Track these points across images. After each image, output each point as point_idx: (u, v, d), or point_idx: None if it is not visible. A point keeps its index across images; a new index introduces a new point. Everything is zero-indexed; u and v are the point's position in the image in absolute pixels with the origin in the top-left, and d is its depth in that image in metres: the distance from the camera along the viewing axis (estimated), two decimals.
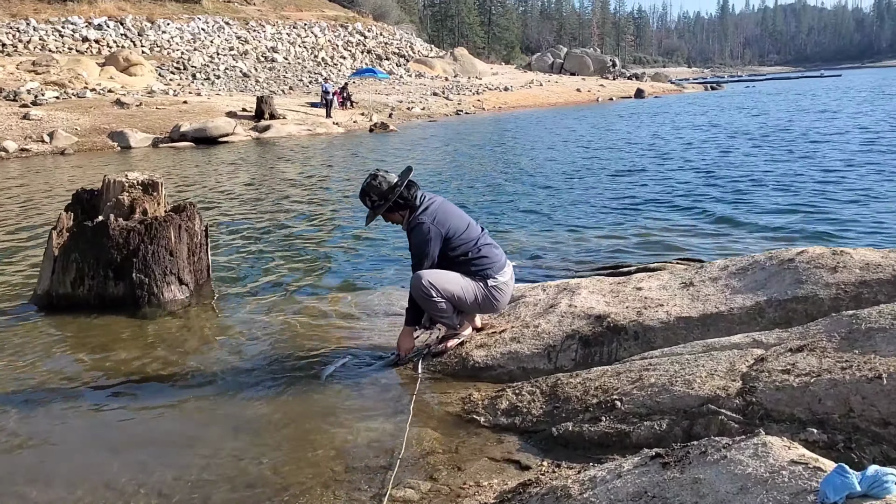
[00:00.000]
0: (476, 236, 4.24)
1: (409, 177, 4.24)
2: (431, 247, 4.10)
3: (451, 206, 4.36)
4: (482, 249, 4.20)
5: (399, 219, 4.29)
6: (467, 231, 4.21)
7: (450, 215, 4.23)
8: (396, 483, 2.95)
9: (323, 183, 13.72)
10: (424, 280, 4.04)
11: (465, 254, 4.17)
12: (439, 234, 4.11)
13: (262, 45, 46.98)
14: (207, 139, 23.67)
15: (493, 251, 4.27)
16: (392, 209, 4.23)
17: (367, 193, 4.22)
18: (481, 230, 4.35)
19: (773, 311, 3.68)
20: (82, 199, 6.11)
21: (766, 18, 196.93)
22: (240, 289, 6.28)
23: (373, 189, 4.19)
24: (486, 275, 4.18)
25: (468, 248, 4.17)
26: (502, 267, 4.26)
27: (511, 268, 4.38)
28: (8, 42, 34.92)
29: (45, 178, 15.84)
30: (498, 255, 4.29)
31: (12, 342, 4.98)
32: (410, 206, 4.21)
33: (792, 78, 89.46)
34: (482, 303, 4.23)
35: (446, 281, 4.09)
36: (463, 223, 4.25)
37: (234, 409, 3.83)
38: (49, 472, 3.26)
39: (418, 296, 4.09)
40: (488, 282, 4.18)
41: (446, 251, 4.16)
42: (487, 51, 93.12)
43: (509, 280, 4.32)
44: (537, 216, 9.41)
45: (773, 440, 2.15)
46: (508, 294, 4.35)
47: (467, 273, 4.17)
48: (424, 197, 4.27)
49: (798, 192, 10.27)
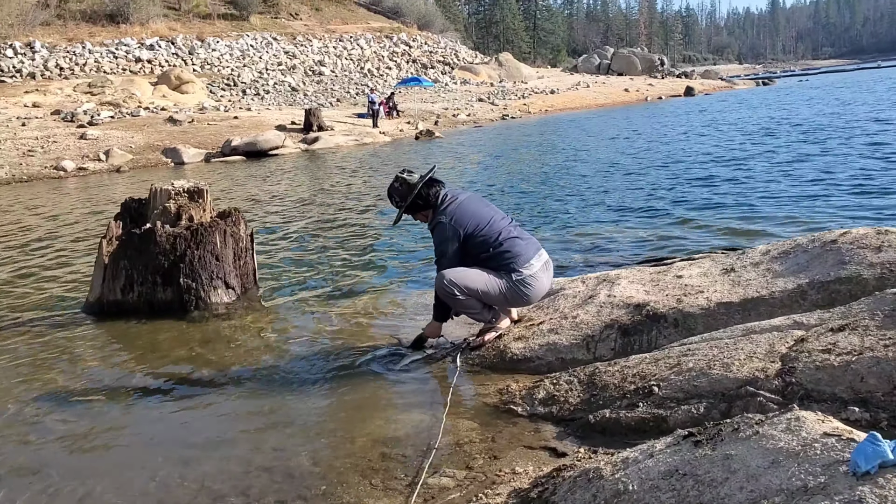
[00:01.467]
0: (498, 230, 4.20)
1: (428, 177, 4.31)
2: (449, 245, 4.17)
3: (475, 203, 4.36)
4: (504, 244, 4.16)
5: (423, 218, 4.42)
6: (489, 226, 4.19)
7: (470, 213, 4.22)
8: (433, 471, 2.97)
9: (366, 189, 13.86)
10: (446, 279, 4.10)
11: (486, 250, 4.16)
12: (457, 233, 4.15)
13: (310, 58, 47.60)
14: (258, 152, 24.07)
15: (517, 244, 4.20)
16: (414, 209, 4.35)
17: (391, 195, 4.40)
18: (509, 223, 4.32)
19: (815, 293, 3.60)
20: (130, 207, 6.27)
21: (818, 11, 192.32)
22: (285, 291, 6.38)
23: (394, 191, 4.36)
24: (509, 268, 4.15)
25: (489, 243, 4.16)
26: (528, 259, 4.19)
27: (542, 259, 4.30)
28: (65, 66, 36.03)
29: (101, 193, 16.32)
30: (523, 247, 4.21)
31: (67, 348, 5.14)
32: (432, 204, 4.29)
33: (848, 70, 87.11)
34: (509, 297, 4.21)
35: (468, 278, 4.11)
36: (484, 219, 4.23)
37: (277, 405, 3.89)
38: (100, 466, 3.37)
39: (442, 294, 4.16)
40: (512, 276, 4.14)
41: (467, 248, 4.18)
42: (533, 55, 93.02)
43: (538, 272, 4.23)
44: (583, 211, 9.34)
45: (807, 414, 2.11)
46: (539, 286, 4.27)
47: (491, 268, 4.16)
48: (447, 195, 4.31)
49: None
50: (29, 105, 29.11)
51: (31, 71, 34.29)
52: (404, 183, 4.30)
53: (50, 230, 11.01)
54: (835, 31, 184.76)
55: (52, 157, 22.26)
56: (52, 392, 4.30)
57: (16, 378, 4.58)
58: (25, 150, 22.78)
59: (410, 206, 4.32)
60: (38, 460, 3.45)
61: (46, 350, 5.09)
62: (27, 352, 5.08)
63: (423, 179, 4.29)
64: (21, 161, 21.78)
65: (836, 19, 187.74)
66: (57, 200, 15.33)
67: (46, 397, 4.22)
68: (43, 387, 4.39)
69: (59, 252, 9.07)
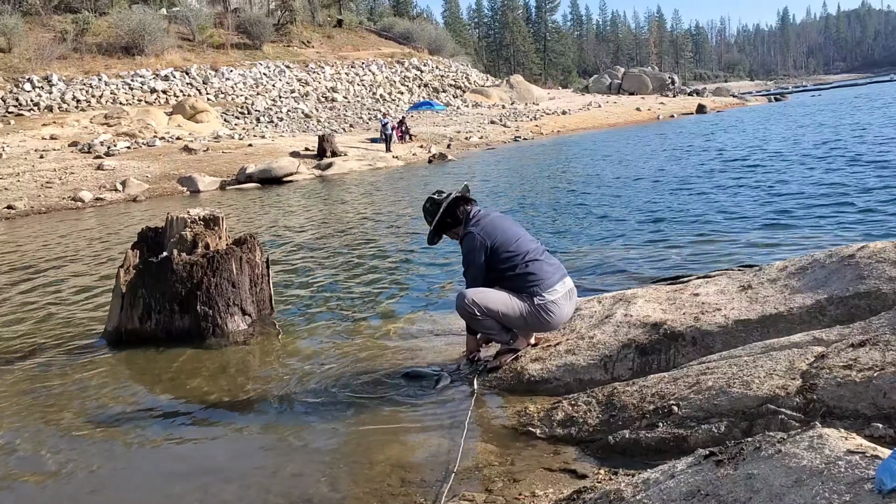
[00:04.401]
0: (525, 251, 4.21)
1: (454, 195, 4.39)
2: (476, 255, 4.20)
3: (505, 222, 4.40)
4: (529, 266, 4.18)
5: (455, 236, 4.49)
6: (516, 245, 4.22)
7: (499, 229, 4.27)
8: (452, 496, 2.95)
9: (381, 213, 13.89)
10: (468, 298, 4.13)
11: (511, 268, 4.17)
12: (484, 245, 4.18)
13: (322, 85, 48.04)
14: (272, 179, 24.20)
15: (543, 268, 4.21)
16: (444, 227, 4.42)
17: (425, 215, 4.53)
18: (537, 246, 4.34)
19: (834, 308, 3.56)
20: (147, 236, 6.32)
21: (828, 26, 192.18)
22: (302, 317, 6.38)
23: (426, 211, 4.50)
24: (532, 292, 4.15)
25: (515, 262, 4.17)
26: (552, 285, 4.19)
27: (567, 287, 4.30)
28: (82, 98, 36.55)
29: (118, 223, 16.45)
30: (548, 273, 4.22)
31: (85, 378, 5.16)
32: (461, 221, 4.36)
33: (860, 84, 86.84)
34: (530, 321, 4.21)
35: (489, 299, 4.12)
36: (513, 238, 4.25)
37: (295, 431, 3.89)
38: (120, 495, 3.37)
39: (463, 314, 4.19)
40: (535, 300, 4.14)
41: (493, 264, 4.20)
42: (544, 77, 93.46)
43: (561, 299, 4.22)
44: (597, 231, 9.31)
45: (830, 432, 2.08)
46: (561, 314, 4.26)
47: (514, 289, 4.16)
48: (478, 212, 4.38)
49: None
50: (47, 137, 29.48)
51: (48, 104, 34.81)
52: (434, 203, 4.44)
53: (68, 260, 11.09)
54: (846, 46, 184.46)
55: (69, 188, 22.48)
56: (70, 421, 4.31)
57: (34, 407, 4.60)
58: (44, 181, 23.04)
59: (440, 224, 4.39)
60: (58, 490, 3.45)
61: (65, 379, 5.12)
62: (46, 381, 5.10)
63: (450, 198, 4.39)
64: (39, 192, 22.02)
65: (847, 34, 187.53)
66: (75, 231, 15.46)
67: (65, 426, 4.23)
68: (62, 415, 4.41)
69: (78, 281, 9.14)
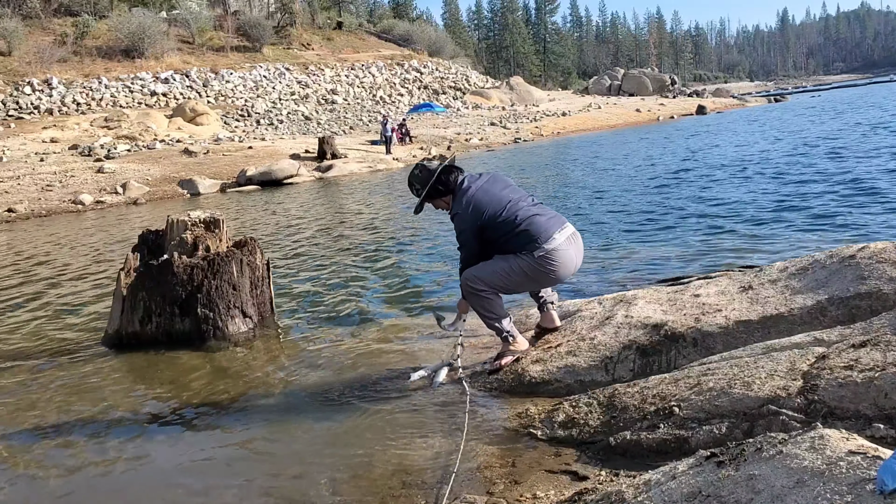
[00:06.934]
0: (515, 212, 4.12)
1: (447, 163, 4.37)
2: (468, 234, 4.21)
3: (493, 185, 4.29)
4: (522, 224, 4.09)
5: (444, 205, 4.43)
6: (507, 210, 4.12)
7: (487, 199, 4.17)
8: (454, 497, 2.94)
9: (381, 215, 13.89)
10: (469, 275, 4.19)
11: (506, 233, 4.12)
12: (475, 223, 4.15)
13: (322, 87, 48.04)
14: (273, 181, 24.24)
15: (537, 221, 4.12)
16: (435, 194, 4.37)
17: (412, 183, 4.46)
18: (530, 201, 4.25)
19: (835, 309, 3.56)
20: (147, 239, 6.32)
21: (828, 27, 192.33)
22: (302, 319, 6.38)
23: (415, 178, 4.42)
24: (531, 247, 4.07)
25: (508, 227, 4.10)
26: (549, 235, 4.09)
27: (567, 232, 4.18)
28: (82, 101, 36.55)
29: (119, 226, 16.47)
30: (544, 224, 4.12)
31: (86, 381, 5.16)
32: (451, 189, 4.32)
33: (860, 85, 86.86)
34: (535, 276, 4.14)
35: (488, 270, 4.15)
36: (502, 203, 4.16)
37: (296, 433, 3.89)
38: (121, 498, 3.37)
39: (467, 292, 4.21)
40: (535, 253, 4.06)
41: (488, 234, 4.17)
42: (544, 78, 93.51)
43: (561, 245, 4.10)
44: (598, 232, 9.31)
45: (831, 432, 2.08)
46: (566, 259, 4.14)
47: (513, 251, 4.12)
48: (466, 179, 4.31)
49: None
50: (47, 141, 29.51)
51: (48, 107, 34.81)
52: (424, 169, 4.38)
53: (69, 263, 11.10)
54: (846, 47, 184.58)
55: (70, 191, 22.50)
56: (71, 424, 4.31)
57: (34, 410, 4.60)
58: (44, 184, 23.06)
59: (430, 192, 4.35)
60: (58, 494, 3.45)
61: (66, 383, 5.12)
62: (46, 385, 5.10)
63: (442, 165, 4.36)
64: (40, 196, 22.03)
65: (847, 34, 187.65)
66: (75, 234, 15.47)
67: (65, 430, 4.23)
68: (62, 419, 4.41)
69: (78, 284, 9.14)
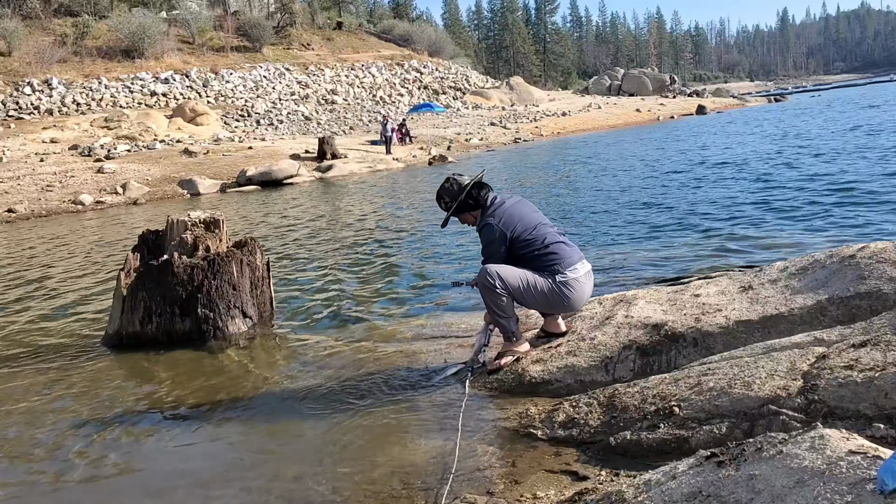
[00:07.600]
0: (544, 234, 4.26)
1: (478, 179, 4.43)
2: (497, 246, 4.24)
3: (523, 207, 4.43)
4: (550, 247, 4.22)
5: (471, 220, 4.49)
6: (535, 230, 4.26)
7: (518, 216, 4.30)
8: (453, 497, 2.94)
9: (381, 215, 13.90)
10: (491, 269, 4.17)
11: (532, 251, 4.22)
12: (504, 235, 4.22)
13: (322, 88, 48.03)
14: (273, 182, 24.24)
15: (562, 248, 4.26)
16: (463, 209, 4.43)
17: (441, 196, 4.48)
18: (556, 230, 4.39)
19: (835, 308, 3.56)
20: (147, 239, 6.32)
21: (828, 27, 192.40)
22: (302, 319, 6.38)
23: (445, 191, 4.45)
24: (553, 270, 4.19)
25: (535, 245, 4.22)
26: (573, 264, 4.24)
27: (586, 267, 4.34)
28: (82, 101, 36.53)
29: (119, 226, 16.46)
30: (568, 253, 4.27)
31: (86, 381, 5.16)
32: (481, 205, 4.38)
33: (860, 84, 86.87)
34: (551, 298, 4.22)
35: (510, 274, 4.16)
36: (531, 223, 4.30)
37: (296, 433, 3.89)
38: (119, 496, 3.37)
39: (482, 285, 4.20)
40: (556, 277, 4.18)
41: (514, 250, 4.24)
42: (544, 78, 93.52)
43: (581, 278, 4.26)
44: (598, 232, 9.32)
45: (831, 432, 2.08)
46: (581, 292, 4.29)
47: (536, 269, 4.20)
48: (496, 198, 4.41)
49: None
50: (47, 141, 29.50)
51: (48, 107, 34.80)
52: (455, 183, 4.42)
53: (69, 263, 11.10)
54: (846, 46, 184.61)
55: (70, 191, 22.49)
56: (71, 424, 4.30)
57: (34, 410, 4.60)
58: (44, 185, 23.05)
59: (460, 205, 4.40)
60: (58, 494, 3.45)
61: (66, 383, 5.11)
62: (46, 384, 5.10)
63: (473, 180, 4.42)
64: (40, 196, 22.03)
65: (847, 34, 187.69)
66: (75, 234, 15.47)
67: (65, 430, 4.23)
68: (62, 419, 4.40)
69: (78, 284, 9.14)
